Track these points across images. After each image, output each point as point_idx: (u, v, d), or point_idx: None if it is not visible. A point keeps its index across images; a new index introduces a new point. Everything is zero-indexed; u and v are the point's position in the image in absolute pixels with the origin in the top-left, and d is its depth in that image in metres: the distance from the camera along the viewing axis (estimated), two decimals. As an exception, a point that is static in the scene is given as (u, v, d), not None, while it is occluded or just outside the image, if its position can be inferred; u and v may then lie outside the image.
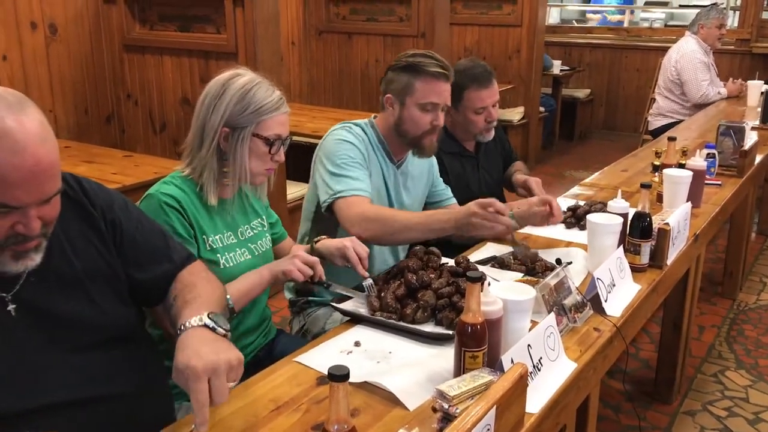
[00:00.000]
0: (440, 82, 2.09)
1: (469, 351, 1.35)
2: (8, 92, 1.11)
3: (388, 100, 2.14)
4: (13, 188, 1.07)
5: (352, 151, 2.06)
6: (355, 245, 1.79)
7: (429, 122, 2.10)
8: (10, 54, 3.55)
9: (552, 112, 6.90)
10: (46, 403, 1.19)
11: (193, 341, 1.19)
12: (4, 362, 1.17)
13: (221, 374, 1.15)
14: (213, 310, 1.28)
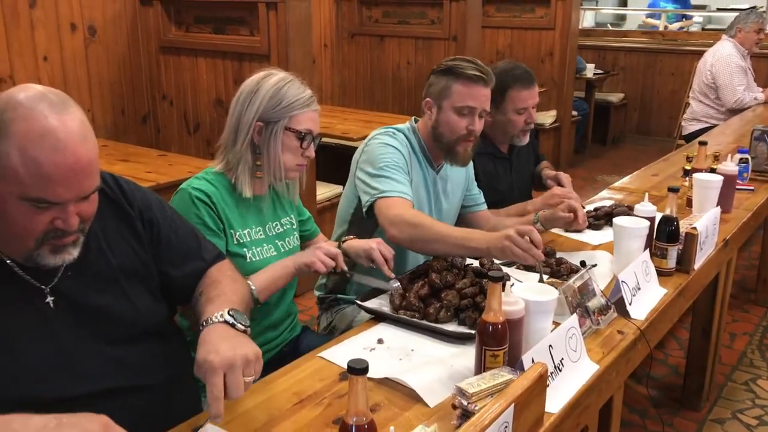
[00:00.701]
0: (478, 86, 2.08)
1: (489, 350, 1.36)
2: (52, 92, 1.16)
3: (426, 104, 2.14)
4: (53, 184, 1.11)
5: (395, 156, 2.06)
6: (380, 246, 1.80)
7: (465, 127, 2.09)
8: (50, 55, 3.65)
9: (585, 116, 6.84)
10: (82, 392, 1.24)
11: (212, 337, 1.23)
12: (44, 351, 1.21)
13: (237, 369, 1.18)
14: (235, 308, 1.32)
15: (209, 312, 1.31)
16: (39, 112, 1.11)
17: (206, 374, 1.17)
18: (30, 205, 1.12)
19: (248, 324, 1.31)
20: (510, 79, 2.52)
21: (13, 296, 1.20)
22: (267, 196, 1.86)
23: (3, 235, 1.17)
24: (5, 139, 1.09)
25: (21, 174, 1.09)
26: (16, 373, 1.17)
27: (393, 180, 1.99)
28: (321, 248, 1.75)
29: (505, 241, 1.74)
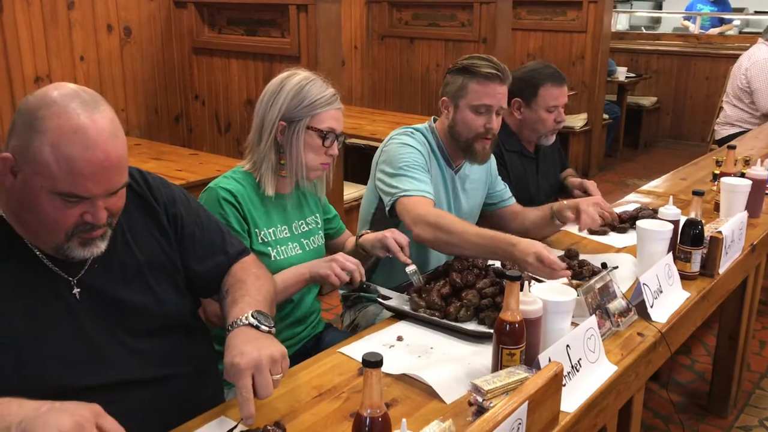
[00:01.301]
0: (494, 84, 2.09)
1: (506, 348, 1.38)
2: (84, 90, 1.20)
3: (443, 103, 2.17)
4: (83, 180, 1.15)
5: (415, 155, 2.08)
6: (394, 234, 1.82)
7: (482, 125, 2.11)
8: (87, 55, 3.74)
9: (616, 120, 6.78)
10: (106, 382, 1.28)
11: (237, 341, 1.26)
12: (69, 341, 1.26)
13: (264, 369, 1.21)
14: (259, 308, 1.35)
15: (234, 315, 1.34)
16: (71, 109, 1.15)
17: (234, 377, 1.21)
18: (61, 200, 1.16)
19: (272, 324, 1.34)
20: (542, 77, 2.55)
21: (41, 287, 1.25)
22: (293, 194, 1.88)
23: (34, 227, 1.22)
24: (39, 135, 1.14)
25: (53, 169, 1.14)
26: (43, 361, 1.21)
27: (413, 179, 2.01)
28: (337, 261, 1.73)
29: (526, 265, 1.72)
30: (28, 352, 1.20)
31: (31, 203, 1.18)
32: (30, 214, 1.20)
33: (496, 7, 4.63)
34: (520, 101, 2.59)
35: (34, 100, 1.17)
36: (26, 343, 1.20)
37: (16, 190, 1.19)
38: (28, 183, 1.16)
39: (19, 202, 1.20)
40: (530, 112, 2.58)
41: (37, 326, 1.22)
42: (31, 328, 1.21)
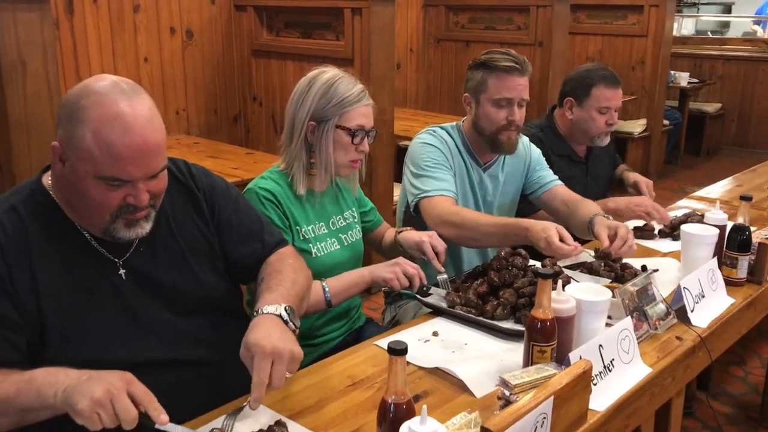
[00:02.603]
0: (513, 76, 2.10)
1: (537, 345, 1.39)
2: (123, 81, 1.28)
3: (465, 99, 2.19)
4: (124, 163, 1.23)
5: (434, 153, 2.13)
6: (432, 240, 1.86)
7: (504, 118, 2.12)
8: (150, 56, 3.89)
9: (677, 126, 6.63)
10: (146, 359, 1.35)
11: (266, 324, 1.29)
12: (116, 318, 1.34)
13: (284, 360, 1.23)
14: (292, 303, 1.38)
15: (265, 301, 1.38)
16: (111, 98, 1.22)
17: (255, 357, 1.23)
18: (104, 184, 1.24)
19: (298, 325, 1.37)
20: (596, 78, 2.56)
21: (89, 267, 1.33)
22: (329, 191, 1.93)
23: (82, 211, 1.30)
24: (82, 123, 1.22)
25: (95, 154, 1.22)
26: (88, 336, 1.29)
27: (433, 178, 2.05)
28: (401, 265, 1.76)
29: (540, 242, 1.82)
30: (74, 326, 1.28)
31: (79, 188, 1.26)
32: (78, 199, 1.28)
33: (552, 10, 4.61)
34: (572, 101, 2.59)
35: (76, 91, 1.25)
36: (73, 318, 1.29)
37: (65, 177, 1.28)
38: (74, 169, 1.25)
39: (68, 188, 1.29)
40: (582, 112, 2.58)
41: (84, 303, 1.30)
42: (78, 305, 1.29)
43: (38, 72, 2.37)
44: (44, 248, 1.30)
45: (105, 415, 1.08)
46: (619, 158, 3.02)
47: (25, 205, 1.31)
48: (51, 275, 1.28)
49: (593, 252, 2.05)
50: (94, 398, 1.08)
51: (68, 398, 1.10)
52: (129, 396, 1.11)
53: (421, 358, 1.54)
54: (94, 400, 1.08)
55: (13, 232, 1.27)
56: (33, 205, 1.32)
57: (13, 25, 2.29)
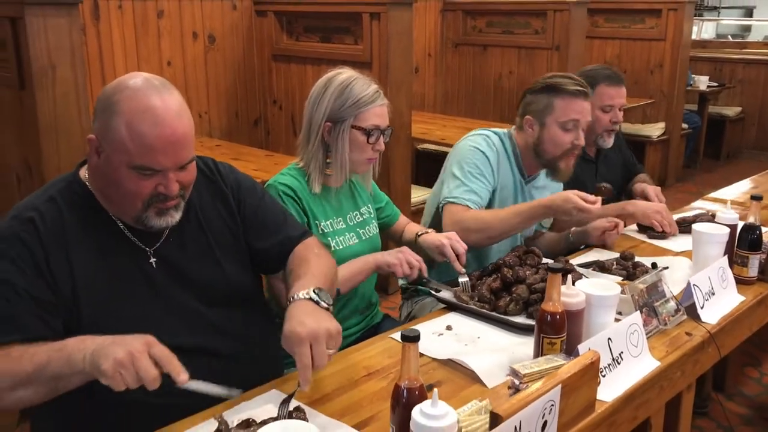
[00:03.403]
0: (579, 99, 2.16)
1: (547, 338, 1.44)
2: (155, 77, 1.36)
3: (527, 122, 2.22)
4: (155, 153, 1.30)
5: (482, 162, 2.16)
6: (453, 242, 1.90)
7: (570, 141, 2.17)
8: (174, 60, 3.98)
9: (696, 130, 6.62)
10: (174, 344, 1.39)
11: (298, 312, 1.36)
12: (145, 303, 1.41)
13: (321, 341, 1.30)
14: (320, 285, 1.45)
15: (296, 289, 1.44)
16: (143, 93, 1.31)
17: (294, 345, 1.30)
18: (137, 173, 1.32)
19: (331, 302, 1.43)
20: (599, 77, 2.62)
21: (122, 254, 1.41)
22: (345, 187, 1.99)
23: (116, 200, 1.38)
24: (116, 116, 1.30)
25: (128, 145, 1.29)
26: (120, 319, 1.36)
27: (466, 186, 2.10)
28: (405, 252, 1.82)
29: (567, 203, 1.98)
30: (107, 311, 1.36)
31: (113, 178, 1.34)
32: (113, 188, 1.36)
33: (569, 14, 4.64)
34: None
35: (111, 87, 1.34)
36: (106, 303, 1.36)
37: (100, 168, 1.36)
38: (109, 160, 1.33)
39: (103, 179, 1.37)
40: None
41: (117, 288, 1.38)
42: (111, 290, 1.37)
43: (67, 76, 2.46)
44: (80, 236, 1.37)
45: (128, 375, 1.16)
46: (640, 166, 3.03)
47: (62, 195, 1.39)
48: (86, 262, 1.36)
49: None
50: (116, 359, 1.16)
51: (94, 360, 1.19)
52: (151, 357, 1.19)
53: (434, 350, 1.59)
54: (116, 361, 1.16)
55: (51, 221, 1.35)
56: (70, 196, 1.40)
57: (43, 31, 2.38)
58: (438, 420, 1.04)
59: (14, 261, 1.30)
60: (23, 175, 2.64)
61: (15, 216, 1.36)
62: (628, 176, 2.96)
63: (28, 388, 1.25)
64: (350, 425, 1.32)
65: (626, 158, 2.97)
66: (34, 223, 1.33)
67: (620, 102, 2.64)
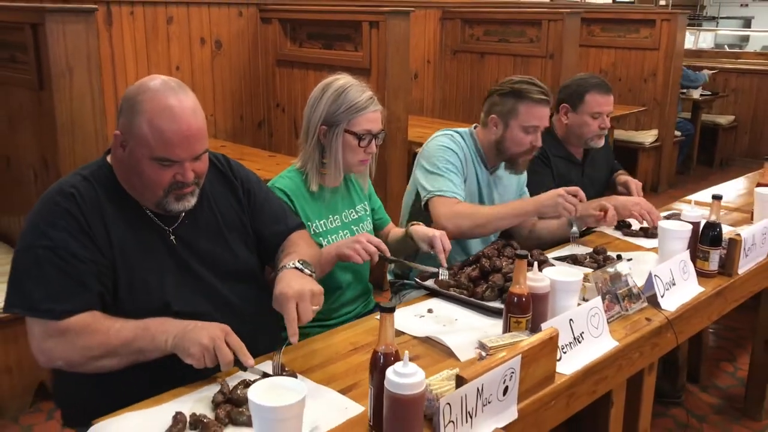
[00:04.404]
0: (541, 106, 2.35)
1: (514, 317, 1.61)
2: (172, 80, 1.54)
3: (492, 120, 2.40)
4: (173, 147, 1.49)
5: (452, 157, 2.35)
6: (443, 237, 2.02)
7: (529, 142, 2.36)
8: (182, 65, 4.17)
9: (689, 137, 6.78)
10: (191, 310, 1.59)
11: (285, 277, 1.58)
12: (170, 273, 1.60)
13: (306, 299, 1.53)
14: (304, 259, 1.66)
15: (284, 261, 1.66)
16: (162, 94, 1.49)
17: (282, 303, 1.52)
18: (157, 164, 1.50)
19: (314, 271, 1.65)
20: (589, 86, 2.79)
21: (148, 231, 1.60)
22: (342, 186, 2.14)
23: (140, 188, 1.57)
24: (139, 114, 1.48)
25: (149, 140, 1.48)
26: (149, 287, 1.56)
27: (448, 180, 2.27)
28: (360, 242, 1.88)
29: (558, 198, 2.16)
30: (139, 278, 1.55)
31: (136, 169, 1.52)
32: (136, 178, 1.55)
33: (563, 24, 4.81)
34: (567, 107, 2.81)
35: (134, 88, 1.53)
36: (138, 271, 1.55)
37: (125, 160, 1.54)
38: (133, 153, 1.51)
39: (128, 170, 1.55)
40: (576, 116, 2.79)
41: (147, 257, 1.57)
42: (142, 259, 1.56)
43: (83, 79, 2.64)
44: (112, 211, 1.56)
45: (209, 357, 1.42)
46: (618, 164, 3.21)
47: (94, 176, 1.59)
48: (120, 232, 1.55)
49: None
50: (202, 344, 1.41)
51: (180, 343, 1.43)
52: (226, 344, 1.43)
53: (415, 329, 1.76)
54: (202, 345, 1.41)
55: (88, 196, 1.54)
56: (102, 178, 1.59)
57: (62, 36, 2.56)
58: (408, 378, 1.21)
59: (69, 231, 1.50)
60: (40, 172, 2.83)
61: (56, 193, 1.54)
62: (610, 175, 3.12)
63: (113, 358, 1.47)
64: (335, 390, 1.49)
65: (610, 160, 3.14)
66: (75, 198, 1.52)
67: (608, 109, 2.82)
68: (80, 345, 1.46)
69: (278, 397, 1.17)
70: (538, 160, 2.78)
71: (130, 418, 1.38)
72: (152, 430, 1.33)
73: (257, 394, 1.17)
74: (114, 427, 1.35)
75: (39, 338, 1.49)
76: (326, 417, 1.39)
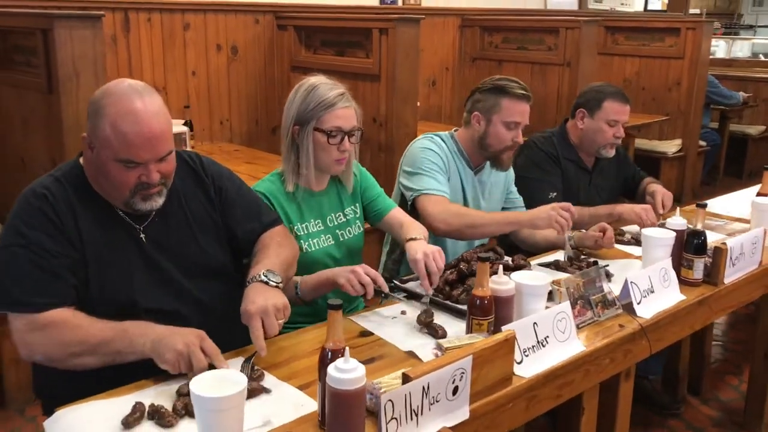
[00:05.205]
0: (523, 103, 2.38)
1: (476, 319, 1.62)
2: (138, 83, 1.59)
3: (475, 117, 2.44)
4: (135, 149, 1.53)
5: (434, 158, 2.39)
6: (427, 260, 1.87)
7: (510, 138, 2.38)
8: (198, 70, 4.26)
9: (715, 147, 6.67)
10: (159, 308, 1.65)
11: (250, 293, 1.61)
12: (139, 270, 1.65)
13: (270, 314, 1.55)
14: (270, 268, 1.67)
15: (252, 272, 1.68)
16: (126, 96, 1.54)
17: (247, 320, 1.56)
18: (122, 165, 1.55)
19: (280, 281, 1.66)
20: (607, 93, 2.82)
21: (118, 230, 1.65)
22: (329, 189, 2.15)
23: (108, 188, 1.62)
24: (102, 118, 1.53)
25: (113, 142, 1.53)
26: (118, 283, 1.61)
27: (433, 179, 2.30)
28: (357, 273, 1.82)
29: (551, 212, 2.19)
30: (108, 276, 1.60)
31: (103, 170, 1.58)
32: (104, 179, 1.60)
33: (580, 32, 4.79)
34: (584, 112, 2.82)
35: (99, 92, 1.58)
36: (107, 269, 1.61)
37: (93, 161, 1.60)
38: (99, 155, 1.56)
39: (96, 170, 1.61)
40: (592, 122, 2.81)
41: (116, 256, 1.63)
42: (111, 256, 1.62)
43: (89, 82, 2.72)
44: (83, 211, 1.62)
45: (183, 363, 1.45)
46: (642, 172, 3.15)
47: (66, 177, 1.65)
48: (90, 231, 1.60)
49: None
50: (177, 350, 1.45)
51: (156, 348, 1.47)
52: (201, 350, 1.47)
53: (382, 330, 1.78)
54: (177, 351, 1.45)
55: (60, 196, 1.60)
56: (73, 178, 1.65)
57: (69, 41, 2.65)
58: (348, 373, 1.23)
59: (42, 229, 1.56)
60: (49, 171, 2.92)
61: (30, 195, 1.61)
62: (633, 187, 3.10)
63: (91, 357, 1.52)
64: (295, 386, 1.52)
65: (628, 173, 3.10)
66: (47, 197, 1.59)
67: (624, 119, 2.83)
68: (59, 340, 1.52)
69: (219, 388, 1.21)
70: (548, 158, 2.80)
71: (93, 406, 1.43)
72: (111, 418, 1.38)
73: (198, 385, 1.21)
74: (75, 414, 1.40)
75: (21, 332, 1.55)
76: (281, 411, 1.42)
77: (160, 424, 1.35)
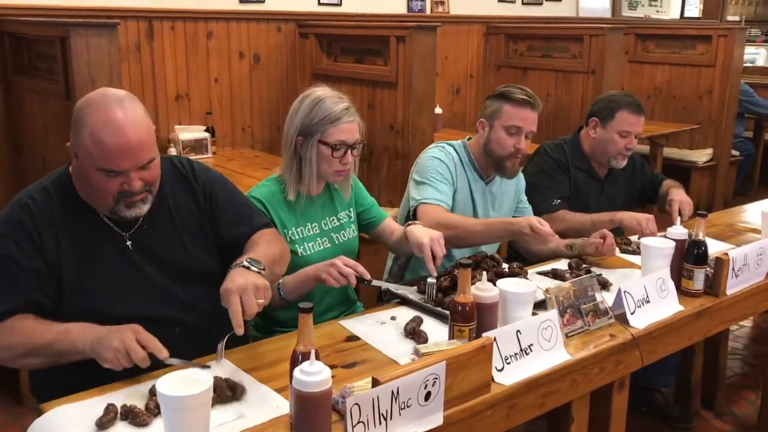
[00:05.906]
0: (525, 109, 2.37)
1: (457, 325, 1.62)
2: (119, 92, 1.62)
3: (480, 124, 2.45)
4: (114, 158, 1.56)
5: (440, 167, 2.39)
6: (433, 243, 1.97)
7: (512, 145, 2.37)
8: (221, 77, 4.33)
9: (749, 157, 6.52)
10: (145, 315, 1.66)
11: (232, 274, 1.61)
12: (121, 279, 1.68)
13: (249, 293, 1.55)
14: (254, 258, 1.68)
15: (236, 261, 1.68)
16: (105, 106, 1.56)
17: (226, 298, 1.54)
18: (103, 174, 1.58)
19: (262, 268, 1.65)
20: (622, 103, 2.78)
21: (102, 237, 1.68)
22: (324, 193, 2.18)
23: (92, 196, 1.65)
24: (83, 127, 1.56)
25: (92, 151, 1.55)
26: (96, 291, 1.65)
27: (434, 188, 2.30)
28: (336, 265, 1.86)
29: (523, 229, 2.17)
30: (89, 284, 1.64)
31: (86, 179, 1.61)
32: (88, 186, 1.63)
33: (605, 39, 4.74)
34: (597, 121, 2.80)
35: (80, 102, 1.61)
36: (89, 277, 1.64)
37: (78, 170, 1.64)
38: (82, 164, 1.60)
39: (81, 178, 1.64)
40: (604, 132, 2.78)
41: (97, 264, 1.66)
42: (92, 265, 1.65)
43: (105, 89, 2.80)
44: (67, 220, 1.66)
45: (123, 358, 1.47)
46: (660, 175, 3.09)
47: (54, 185, 1.69)
48: (71, 240, 1.64)
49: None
50: (113, 347, 1.48)
51: (95, 349, 1.50)
52: (138, 342, 1.49)
53: (369, 335, 1.79)
54: (113, 349, 1.48)
55: (42, 206, 1.64)
56: (60, 186, 1.69)
57: (85, 49, 2.73)
58: (313, 376, 1.25)
59: (16, 241, 1.61)
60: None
61: (15, 204, 1.66)
62: (652, 192, 3.05)
63: (36, 357, 1.57)
64: (273, 389, 1.54)
65: (645, 179, 3.06)
66: (29, 208, 1.63)
67: (637, 130, 2.79)
68: (4, 344, 1.58)
69: (185, 387, 1.23)
70: (557, 165, 2.79)
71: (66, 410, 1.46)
72: (86, 420, 1.41)
73: (165, 384, 1.24)
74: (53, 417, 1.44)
75: None
76: (254, 410, 1.44)
77: (134, 423, 1.38)
